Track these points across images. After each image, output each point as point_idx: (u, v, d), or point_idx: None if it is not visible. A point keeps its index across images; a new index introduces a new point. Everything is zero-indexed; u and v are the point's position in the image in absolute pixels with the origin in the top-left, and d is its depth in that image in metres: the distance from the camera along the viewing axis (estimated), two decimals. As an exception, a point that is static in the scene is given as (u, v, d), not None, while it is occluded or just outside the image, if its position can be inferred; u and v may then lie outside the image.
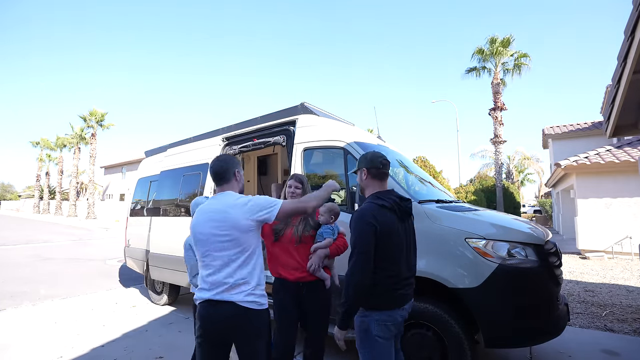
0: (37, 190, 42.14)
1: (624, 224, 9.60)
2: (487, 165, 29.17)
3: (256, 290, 1.80)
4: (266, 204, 1.83)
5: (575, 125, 16.32)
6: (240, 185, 2.01)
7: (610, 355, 3.48)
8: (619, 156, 9.61)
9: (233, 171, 1.95)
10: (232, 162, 1.98)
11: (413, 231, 2.07)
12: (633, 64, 2.98)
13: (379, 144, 4.11)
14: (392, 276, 1.87)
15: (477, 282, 2.52)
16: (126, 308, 5.32)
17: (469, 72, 17.74)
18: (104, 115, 31.52)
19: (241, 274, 1.77)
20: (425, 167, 13.71)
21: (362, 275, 1.78)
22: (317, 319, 2.46)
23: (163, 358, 3.50)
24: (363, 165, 2.03)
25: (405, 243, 1.95)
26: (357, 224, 1.84)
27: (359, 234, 1.82)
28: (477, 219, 2.86)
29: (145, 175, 6.34)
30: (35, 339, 4.01)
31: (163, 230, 5.31)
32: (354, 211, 2.04)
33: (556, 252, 2.86)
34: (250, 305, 1.76)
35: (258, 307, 1.79)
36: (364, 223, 1.82)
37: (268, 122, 4.34)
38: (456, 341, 2.54)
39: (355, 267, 1.79)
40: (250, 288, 1.78)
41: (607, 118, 4.41)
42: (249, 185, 6.81)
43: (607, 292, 5.95)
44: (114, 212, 30.94)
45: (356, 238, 1.83)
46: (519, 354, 3.51)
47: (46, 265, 8.82)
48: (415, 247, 2.07)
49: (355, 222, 1.86)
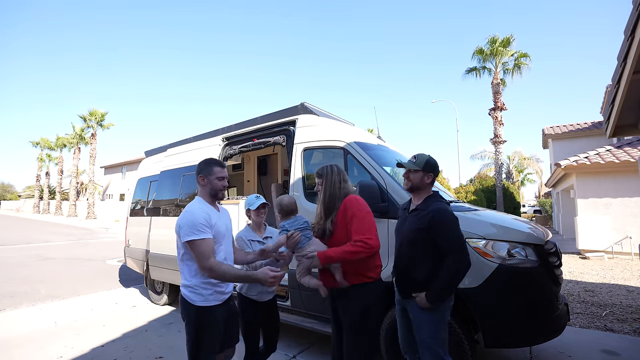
0: (37, 190, 42.13)
1: (624, 223, 9.59)
2: (487, 165, 29.13)
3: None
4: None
5: (575, 125, 16.31)
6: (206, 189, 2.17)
7: (610, 355, 3.48)
8: (619, 156, 9.60)
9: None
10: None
11: None
12: (633, 64, 2.98)
13: (379, 144, 4.11)
14: None
15: (477, 282, 2.52)
16: (126, 308, 5.32)
17: (469, 72, 17.74)
18: (104, 115, 31.52)
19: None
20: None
21: (469, 256, 2.02)
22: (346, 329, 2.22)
23: (163, 358, 3.50)
24: (430, 170, 2.21)
25: None
26: (449, 218, 2.05)
27: (455, 226, 2.05)
28: (477, 219, 2.86)
29: (145, 175, 6.34)
30: (35, 339, 4.01)
31: (163, 230, 5.30)
32: (435, 209, 2.06)
33: (556, 252, 2.86)
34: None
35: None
36: (453, 216, 2.07)
37: (268, 122, 4.34)
38: (456, 341, 2.54)
39: (464, 252, 2.00)
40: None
41: (607, 118, 4.40)
42: (249, 185, 6.81)
43: (607, 292, 5.95)
44: (114, 212, 30.92)
45: (455, 230, 2.04)
46: (519, 354, 3.51)
47: (46, 265, 8.82)
48: None
49: (445, 217, 2.05)
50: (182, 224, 1.97)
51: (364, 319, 2.10)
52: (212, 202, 2.16)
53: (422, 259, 2.10)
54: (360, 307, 2.11)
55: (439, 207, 2.08)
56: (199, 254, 1.92)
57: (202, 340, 2.02)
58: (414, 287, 2.11)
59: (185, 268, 2.05)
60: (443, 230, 2.02)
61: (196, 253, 1.93)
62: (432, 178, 2.21)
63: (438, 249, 2.04)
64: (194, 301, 2.01)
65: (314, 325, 3.36)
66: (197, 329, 2.01)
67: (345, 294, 2.16)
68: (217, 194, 2.16)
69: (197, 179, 2.17)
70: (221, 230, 2.11)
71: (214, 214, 2.10)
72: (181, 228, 1.97)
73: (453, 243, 1.99)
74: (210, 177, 2.13)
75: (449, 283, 2.00)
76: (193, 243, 1.93)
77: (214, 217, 2.07)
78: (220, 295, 2.09)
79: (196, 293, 2.02)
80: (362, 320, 2.10)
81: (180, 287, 2.10)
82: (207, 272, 1.93)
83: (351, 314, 2.14)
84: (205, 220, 1.98)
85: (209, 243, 1.95)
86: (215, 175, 2.13)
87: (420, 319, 2.11)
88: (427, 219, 2.06)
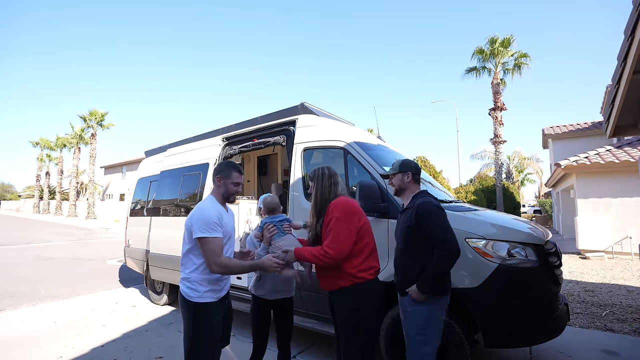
0: (37, 190, 42.13)
1: (624, 223, 9.60)
2: (487, 165, 29.15)
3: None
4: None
5: (575, 125, 16.31)
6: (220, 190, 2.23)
7: (610, 355, 3.48)
8: (619, 156, 9.60)
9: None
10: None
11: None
12: (633, 64, 2.98)
13: (379, 144, 4.11)
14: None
15: (477, 282, 2.52)
16: (126, 308, 5.31)
17: (469, 72, 17.75)
18: (104, 115, 31.52)
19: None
20: (425, 167, 13.70)
21: (457, 244, 2.01)
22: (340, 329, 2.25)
23: (163, 358, 3.50)
24: (406, 169, 2.29)
25: None
26: (432, 209, 2.08)
27: (439, 217, 2.07)
28: (477, 219, 2.86)
29: (145, 175, 6.34)
30: (35, 339, 4.01)
31: (163, 230, 5.30)
32: (418, 204, 2.11)
33: (556, 252, 2.86)
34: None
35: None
36: (437, 208, 2.10)
37: (268, 122, 4.34)
38: (456, 341, 2.54)
39: (449, 238, 1.99)
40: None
41: (607, 118, 4.40)
42: (249, 185, 6.80)
43: (607, 292, 5.95)
44: (114, 212, 30.93)
45: (439, 220, 2.06)
46: (519, 354, 3.51)
47: (46, 265, 8.81)
48: None
49: (428, 208, 2.08)
50: (194, 220, 2.04)
51: (354, 319, 2.11)
52: (223, 202, 2.23)
53: (416, 257, 2.12)
54: (350, 308, 2.12)
55: (422, 201, 2.14)
56: (210, 251, 1.98)
57: (200, 336, 2.04)
58: (409, 284, 2.13)
59: (189, 262, 2.11)
60: (428, 223, 2.05)
61: (208, 250, 1.99)
62: (411, 176, 2.29)
63: (428, 244, 2.06)
64: (191, 297, 2.06)
65: (314, 325, 3.36)
66: (194, 325, 2.04)
67: (337, 295, 2.19)
68: (230, 197, 2.24)
69: (214, 179, 2.23)
70: (229, 230, 2.19)
71: (225, 214, 2.18)
72: (194, 224, 2.03)
73: (438, 233, 2.01)
74: (227, 180, 2.19)
75: (438, 271, 2.02)
76: (205, 240, 1.99)
77: (225, 217, 2.15)
78: (216, 293, 2.13)
79: (192, 289, 2.07)
80: (353, 320, 2.11)
81: (180, 282, 2.15)
82: (216, 267, 1.99)
83: (342, 314, 2.17)
84: (218, 219, 2.06)
85: (220, 241, 2.03)
86: (232, 179, 2.20)
87: (410, 311, 2.14)
88: (413, 216, 2.10)
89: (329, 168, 2.34)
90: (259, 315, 2.58)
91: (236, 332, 3.95)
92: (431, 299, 2.08)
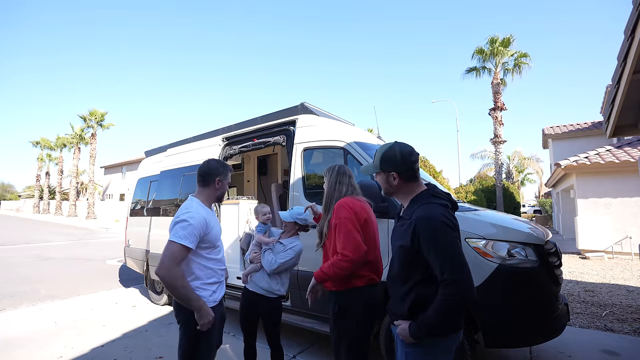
0: (37, 190, 42.12)
1: (624, 223, 9.59)
2: (487, 165, 29.14)
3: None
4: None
5: (575, 125, 16.31)
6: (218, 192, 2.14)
7: (610, 355, 3.48)
8: (619, 156, 9.60)
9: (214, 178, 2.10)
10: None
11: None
12: (633, 64, 2.98)
13: (378, 143, 4.11)
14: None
15: (477, 282, 2.49)
16: (126, 308, 5.31)
17: (469, 72, 17.76)
18: (104, 115, 31.52)
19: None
20: (425, 167, 13.70)
21: (471, 283, 1.42)
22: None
23: (163, 358, 3.50)
24: (388, 168, 1.63)
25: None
26: (437, 228, 1.45)
27: (448, 240, 1.44)
28: (477, 219, 2.86)
29: (145, 175, 6.34)
30: (35, 339, 4.01)
31: (163, 230, 5.30)
32: (417, 217, 1.49)
33: (556, 252, 2.86)
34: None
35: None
36: (444, 226, 1.45)
37: (268, 122, 4.34)
38: (456, 341, 2.54)
39: (461, 278, 1.39)
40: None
41: (607, 118, 4.40)
42: (249, 185, 6.80)
43: (607, 292, 5.95)
44: (114, 212, 30.93)
45: (448, 246, 1.43)
46: (519, 354, 3.51)
47: (46, 265, 8.82)
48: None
49: (431, 225, 1.45)
50: (177, 225, 1.91)
51: (342, 322, 2.11)
52: (211, 204, 2.15)
53: (411, 284, 1.54)
54: (337, 310, 2.12)
55: (424, 214, 1.48)
56: (170, 255, 1.81)
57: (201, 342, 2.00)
58: (398, 313, 1.60)
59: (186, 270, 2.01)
60: (430, 249, 1.44)
61: (169, 253, 1.82)
62: (398, 176, 1.61)
63: (430, 270, 1.47)
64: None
65: (314, 325, 3.36)
66: (195, 332, 1.96)
67: (328, 297, 2.23)
68: (222, 197, 2.21)
69: (212, 180, 2.09)
70: (218, 232, 2.12)
71: (212, 218, 2.07)
72: (174, 226, 1.91)
73: (446, 268, 1.39)
74: (225, 181, 2.15)
75: (441, 320, 1.43)
76: (173, 243, 1.84)
77: (212, 221, 2.04)
78: (212, 302, 2.03)
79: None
80: (339, 323, 2.11)
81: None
82: (164, 271, 1.79)
83: (331, 315, 2.18)
84: (201, 231, 1.92)
85: (186, 254, 1.88)
86: (228, 180, 2.18)
87: (403, 353, 1.58)
88: (409, 233, 1.49)
89: (341, 166, 2.33)
90: (246, 312, 2.71)
91: (236, 332, 3.95)
92: (430, 340, 1.50)
